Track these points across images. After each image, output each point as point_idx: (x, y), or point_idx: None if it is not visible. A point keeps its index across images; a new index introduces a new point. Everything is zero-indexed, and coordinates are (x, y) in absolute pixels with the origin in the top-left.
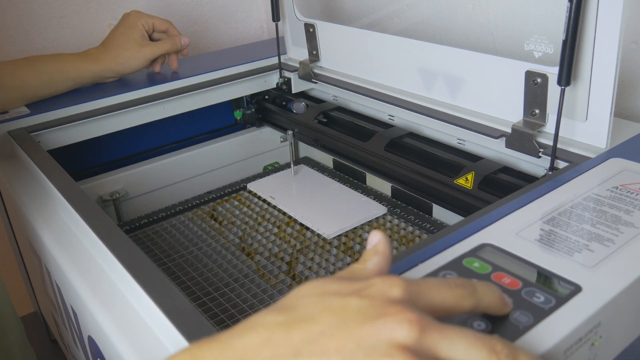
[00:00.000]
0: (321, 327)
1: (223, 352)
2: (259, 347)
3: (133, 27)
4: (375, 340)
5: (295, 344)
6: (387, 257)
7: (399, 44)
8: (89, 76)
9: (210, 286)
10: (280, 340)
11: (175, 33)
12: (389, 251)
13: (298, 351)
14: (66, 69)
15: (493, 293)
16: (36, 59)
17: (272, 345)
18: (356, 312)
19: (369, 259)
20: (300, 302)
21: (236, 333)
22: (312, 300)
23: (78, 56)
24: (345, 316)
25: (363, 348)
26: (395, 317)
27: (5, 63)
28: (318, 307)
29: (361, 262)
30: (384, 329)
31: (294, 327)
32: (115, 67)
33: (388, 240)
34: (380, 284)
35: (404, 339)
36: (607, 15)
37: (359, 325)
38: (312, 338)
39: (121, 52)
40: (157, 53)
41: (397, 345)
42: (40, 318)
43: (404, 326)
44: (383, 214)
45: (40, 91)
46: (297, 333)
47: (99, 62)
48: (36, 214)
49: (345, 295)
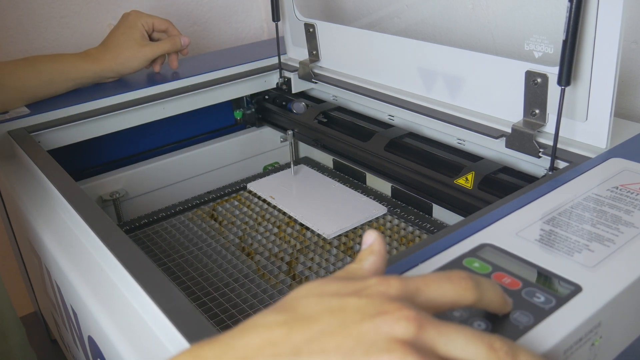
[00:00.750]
0: (321, 326)
1: (224, 352)
2: (259, 346)
3: (133, 27)
4: (374, 337)
5: (295, 343)
6: (383, 256)
7: (399, 44)
8: (89, 76)
9: (210, 286)
10: (280, 339)
11: (175, 33)
12: (384, 250)
13: (298, 350)
14: (66, 69)
15: (495, 290)
16: (36, 60)
17: (272, 345)
18: (355, 311)
19: (365, 258)
20: (299, 302)
21: (237, 333)
22: (311, 300)
23: (78, 56)
24: (344, 315)
25: (362, 345)
26: (393, 314)
27: (5, 63)
28: (317, 307)
29: (357, 262)
30: (382, 326)
31: (294, 326)
32: (115, 67)
33: (383, 239)
34: (377, 284)
35: (402, 334)
36: (607, 15)
37: (357, 324)
38: (312, 337)
39: (121, 52)
40: (157, 53)
41: (396, 340)
42: (40, 318)
43: (402, 323)
44: (383, 214)
45: (40, 91)
46: (298, 332)
47: (98, 62)
48: (36, 214)
49: (344, 296)
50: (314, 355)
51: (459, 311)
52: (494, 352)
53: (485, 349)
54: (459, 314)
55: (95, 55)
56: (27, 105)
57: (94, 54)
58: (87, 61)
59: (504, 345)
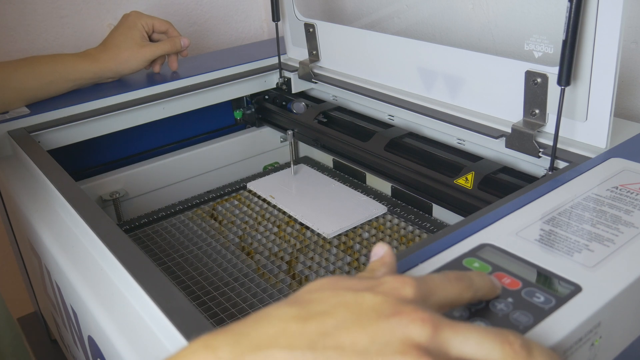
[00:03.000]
0: (336, 320)
1: (237, 340)
2: (274, 336)
3: (132, 28)
4: (389, 337)
5: (310, 335)
6: (394, 268)
7: (399, 44)
8: (89, 77)
9: (210, 285)
10: (295, 331)
11: (175, 34)
12: (395, 262)
13: (313, 343)
14: (66, 69)
15: (485, 281)
16: (36, 60)
17: (287, 336)
18: (370, 308)
19: (377, 268)
20: (313, 296)
21: (250, 323)
22: (326, 294)
23: (77, 56)
24: (359, 311)
25: (377, 344)
26: (409, 315)
27: (5, 64)
28: (332, 301)
29: (368, 271)
30: (397, 327)
31: (309, 319)
32: (115, 68)
33: (393, 251)
34: (392, 282)
35: (418, 336)
36: (607, 15)
37: (373, 322)
38: (327, 331)
39: (120, 53)
40: (156, 54)
41: (411, 343)
42: (40, 318)
43: (417, 324)
44: (383, 214)
45: (40, 92)
46: (312, 325)
47: (98, 62)
48: (36, 214)
49: (359, 291)
50: (328, 351)
51: (459, 311)
52: (509, 345)
53: (499, 344)
54: (459, 314)
55: (95, 55)
56: (27, 105)
57: (94, 54)
58: (86, 61)
59: (518, 338)
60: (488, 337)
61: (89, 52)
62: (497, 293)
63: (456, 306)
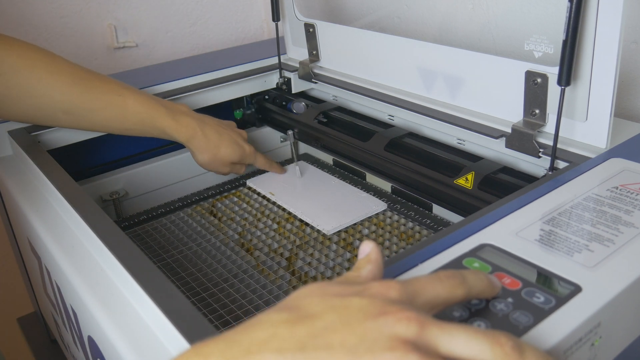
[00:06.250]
0: (325, 323)
1: (229, 347)
2: (265, 341)
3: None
4: (377, 335)
5: (300, 338)
6: (380, 265)
7: (399, 44)
8: (158, 134)
9: (210, 282)
10: (285, 335)
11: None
12: (381, 259)
13: (303, 345)
14: (154, 127)
15: (481, 279)
16: (128, 101)
17: (277, 340)
18: (358, 310)
19: (363, 266)
20: (302, 302)
21: (241, 330)
22: (314, 300)
23: (172, 120)
24: (347, 313)
25: (366, 342)
26: (395, 314)
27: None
28: (320, 305)
29: (355, 270)
30: (384, 325)
31: (299, 323)
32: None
33: (379, 249)
34: (378, 286)
35: (404, 333)
36: (607, 15)
37: (361, 322)
38: (316, 333)
39: (221, 150)
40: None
41: (398, 339)
42: (40, 318)
43: (403, 322)
44: (383, 210)
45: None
46: (302, 328)
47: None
48: (36, 214)
49: (347, 296)
50: (319, 351)
51: (458, 311)
52: (500, 346)
53: (489, 344)
54: (458, 314)
55: (193, 142)
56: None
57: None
58: (179, 134)
59: (510, 340)
60: (477, 337)
61: (180, 117)
62: (496, 292)
63: (450, 304)
